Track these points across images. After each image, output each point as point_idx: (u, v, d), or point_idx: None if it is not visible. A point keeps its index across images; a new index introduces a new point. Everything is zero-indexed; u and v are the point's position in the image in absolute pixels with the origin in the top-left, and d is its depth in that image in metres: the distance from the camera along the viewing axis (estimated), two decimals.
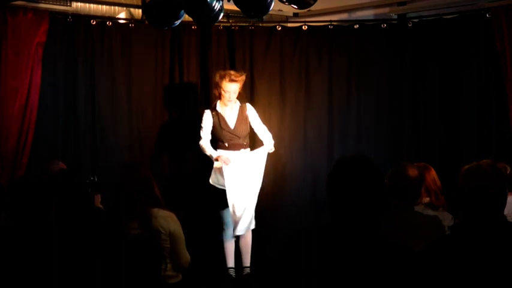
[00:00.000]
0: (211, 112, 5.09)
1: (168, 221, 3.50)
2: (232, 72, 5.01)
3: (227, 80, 4.93)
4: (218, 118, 5.06)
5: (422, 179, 3.48)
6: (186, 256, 3.59)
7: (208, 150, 5.04)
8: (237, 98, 5.07)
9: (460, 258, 2.10)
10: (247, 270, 5.12)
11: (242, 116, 5.11)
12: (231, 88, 4.95)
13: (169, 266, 3.55)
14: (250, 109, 5.17)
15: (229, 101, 5.01)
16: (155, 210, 3.47)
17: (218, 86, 4.99)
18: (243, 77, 5.02)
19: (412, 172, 3.19)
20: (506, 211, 2.28)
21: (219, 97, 5.05)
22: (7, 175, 4.75)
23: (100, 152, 5.40)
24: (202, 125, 5.09)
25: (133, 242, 3.39)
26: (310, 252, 2.06)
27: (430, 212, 3.55)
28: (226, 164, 4.91)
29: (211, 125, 5.07)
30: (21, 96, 4.84)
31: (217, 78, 5.00)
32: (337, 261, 2.04)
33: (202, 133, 5.08)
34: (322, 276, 2.04)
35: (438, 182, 3.83)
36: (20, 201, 2.94)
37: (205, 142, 5.06)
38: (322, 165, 5.64)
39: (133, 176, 3.51)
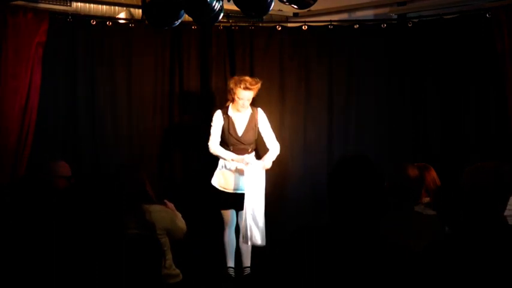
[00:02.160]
0: (223, 115, 5.01)
1: (162, 215, 3.61)
2: (248, 79, 4.88)
3: (242, 87, 4.83)
4: (228, 122, 4.98)
5: (422, 179, 3.48)
6: (183, 228, 3.74)
7: (227, 155, 4.94)
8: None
9: (459, 259, 2.10)
10: (248, 270, 5.13)
11: (251, 124, 5.04)
12: (244, 95, 4.87)
13: (167, 261, 3.62)
14: (261, 115, 5.10)
15: (242, 107, 4.94)
16: (146, 206, 3.57)
17: (232, 92, 4.90)
18: (259, 85, 4.91)
19: (412, 172, 3.20)
20: (507, 212, 2.27)
21: (232, 101, 4.98)
22: (7, 175, 4.74)
23: (100, 152, 5.39)
24: (213, 124, 5.00)
25: (132, 241, 3.42)
26: (311, 252, 2.07)
27: (430, 212, 3.55)
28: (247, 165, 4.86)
29: (222, 126, 5.00)
30: (21, 96, 4.83)
31: (232, 84, 4.90)
32: (337, 261, 2.04)
33: (212, 136, 4.99)
34: (322, 276, 2.05)
35: (438, 182, 3.84)
36: (20, 201, 2.95)
37: (217, 147, 4.98)
38: (322, 165, 5.64)
39: (132, 177, 3.64)
